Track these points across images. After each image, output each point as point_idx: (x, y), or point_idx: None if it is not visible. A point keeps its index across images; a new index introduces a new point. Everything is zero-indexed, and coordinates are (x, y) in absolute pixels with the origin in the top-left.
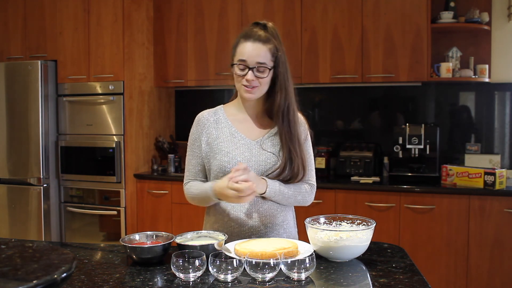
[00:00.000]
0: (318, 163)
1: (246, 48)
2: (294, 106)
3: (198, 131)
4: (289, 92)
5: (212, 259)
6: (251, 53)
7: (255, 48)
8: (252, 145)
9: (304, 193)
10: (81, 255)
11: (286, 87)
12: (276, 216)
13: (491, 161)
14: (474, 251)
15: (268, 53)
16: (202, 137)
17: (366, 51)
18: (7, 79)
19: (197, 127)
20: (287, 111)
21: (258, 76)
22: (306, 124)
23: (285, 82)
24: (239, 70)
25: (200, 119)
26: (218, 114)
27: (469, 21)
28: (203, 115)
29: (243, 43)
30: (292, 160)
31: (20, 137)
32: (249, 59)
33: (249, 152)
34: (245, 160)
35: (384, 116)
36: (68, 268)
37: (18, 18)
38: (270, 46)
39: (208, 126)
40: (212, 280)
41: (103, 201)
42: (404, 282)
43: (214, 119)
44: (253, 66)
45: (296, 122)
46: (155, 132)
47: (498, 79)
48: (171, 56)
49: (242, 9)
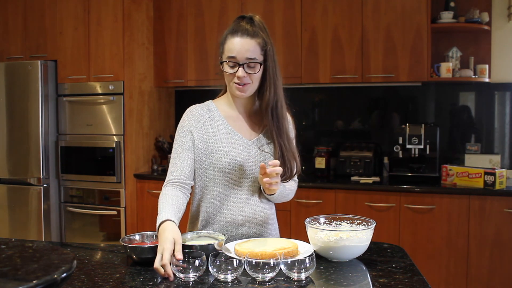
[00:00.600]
0: (318, 163)
1: (234, 44)
2: (282, 101)
3: (192, 125)
4: (278, 87)
5: (212, 259)
6: (240, 49)
7: (243, 44)
8: (249, 145)
9: (293, 190)
10: (81, 255)
11: (275, 81)
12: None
13: (491, 161)
14: (474, 251)
15: (257, 47)
16: (195, 131)
17: (366, 51)
18: (7, 79)
19: (190, 120)
20: (275, 106)
21: (249, 72)
22: (293, 123)
23: (274, 76)
24: (229, 67)
25: (194, 113)
26: (212, 111)
27: (469, 21)
28: (197, 109)
29: (231, 38)
30: (284, 155)
31: (20, 137)
32: (238, 55)
33: (247, 153)
34: (244, 160)
35: (384, 116)
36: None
37: (18, 18)
38: (259, 40)
39: (203, 122)
40: (212, 280)
41: (103, 201)
42: (404, 282)
43: (209, 115)
44: (243, 62)
45: (284, 118)
46: (155, 132)
47: (498, 79)
48: (171, 56)
49: (242, 9)
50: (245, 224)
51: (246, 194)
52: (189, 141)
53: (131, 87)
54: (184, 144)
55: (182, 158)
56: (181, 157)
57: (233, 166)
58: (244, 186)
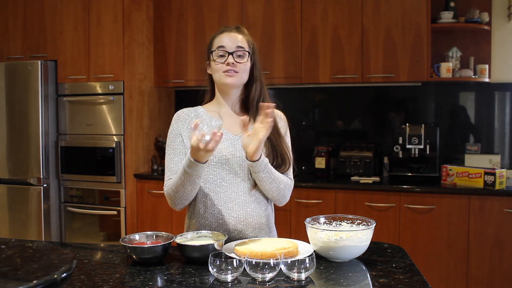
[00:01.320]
0: (318, 163)
1: (223, 37)
2: (268, 99)
3: (179, 127)
4: (263, 84)
5: (212, 259)
6: (229, 39)
7: (232, 36)
8: (235, 140)
9: (286, 184)
10: (81, 255)
11: (261, 78)
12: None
13: (491, 161)
14: (474, 251)
15: (245, 41)
16: (183, 132)
17: (366, 51)
18: (7, 79)
19: (177, 123)
20: (260, 100)
21: (238, 61)
22: (285, 121)
23: (260, 74)
24: (218, 57)
25: (180, 116)
26: (198, 111)
27: (469, 21)
28: (183, 111)
29: (219, 36)
30: (275, 146)
31: (20, 137)
32: (228, 45)
33: (233, 147)
34: (230, 155)
35: (384, 116)
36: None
37: (18, 18)
38: (246, 37)
39: (189, 122)
40: (212, 280)
41: (103, 201)
42: (404, 282)
43: (194, 114)
44: (232, 50)
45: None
46: (155, 132)
47: (498, 79)
48: (171, 56)
49: (242, 9)
50: (237, 226)
51: (236, 193)
52: (179, 143)
53: (131, 87)
54: (175, 148)
55: (176, 161)
56: (174, 160)
57: (218, 159)
58: (232, 183)
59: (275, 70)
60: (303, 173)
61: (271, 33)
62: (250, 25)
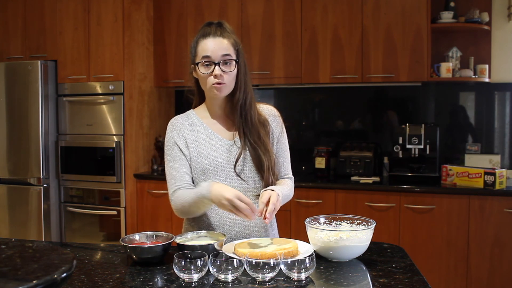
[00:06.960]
0: (318, 163)
1: (207, 44)
2: (253, 101)
3: (174, 136)
4: (248, 85)
5: (212, 259)
6: (214, 47)
7: (217, 42)
8: (229, 145)
9: (291, 188)
10: (81, 255)
11: (245, 80)
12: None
13: (491, 161)
14: (474, 251)
15: (230, 46)
16: (179, 140)
17: (366, 51)
18: (7, 79)
19: (172, 132)
20: (244, 103)
21: (225, 70)
22: (280, 117)
23: (245, 76)
24: (204, 67)
25: (174, 124)
26: (191, 118)
27: (469, 21)
28: (177, 119)
29: (203, 40)
30: (256, 151)
31: (20, 137)
32: (213, 54)
33: (228, 153)
34: (225, 160)
35: (384, 116)
36: (68, 268)
37: (18, 18)
38: (231, 40)
39: (183, 130)
40: (212, 280)
41: (103, 201)
42: (404, 282)
43: (188, 122)
44: (218, 60)
45: (254, 117)
46: (155, 132)
47: (498, 79)
48: (171, 56)
49: (242, 9)
50: (235, 228)
51: None
52: (177, 151)
53: (131, 87)
54: (174, 155)
55: (177, 168)
56: (176, 167)
57: (215, 167)
58: (231, 187)
59: (275, 70)
60: (303, 173)
61: (271, 33)
62: (250, 25)
